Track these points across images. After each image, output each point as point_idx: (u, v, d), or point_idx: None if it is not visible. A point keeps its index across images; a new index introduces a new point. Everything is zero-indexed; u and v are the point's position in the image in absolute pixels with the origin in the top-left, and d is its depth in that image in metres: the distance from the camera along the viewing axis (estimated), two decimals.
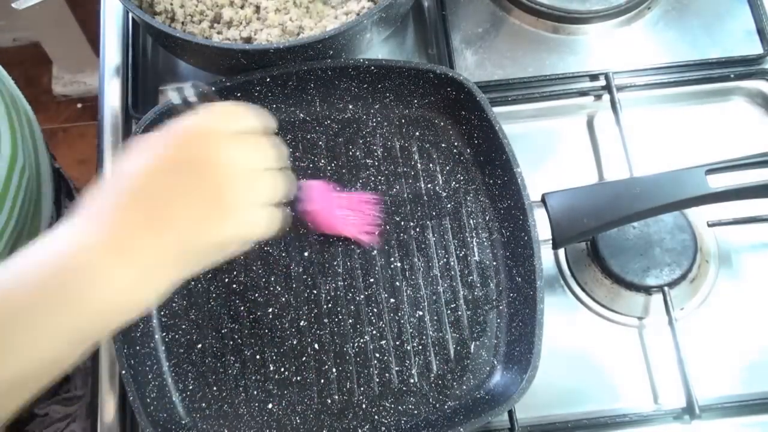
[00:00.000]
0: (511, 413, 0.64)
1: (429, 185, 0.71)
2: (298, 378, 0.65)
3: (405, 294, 0.67)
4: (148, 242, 0.43)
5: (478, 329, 0.66)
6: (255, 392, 0.65)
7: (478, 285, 0.68)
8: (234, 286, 0.68)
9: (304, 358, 0.66)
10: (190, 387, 0.65)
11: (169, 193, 0.44)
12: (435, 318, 0.67)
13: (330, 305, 0.67)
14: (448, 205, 0.71)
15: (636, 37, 0.82)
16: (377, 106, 0.74)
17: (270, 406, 0.64)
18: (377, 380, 0.65)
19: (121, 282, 0.41)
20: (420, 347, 0.66)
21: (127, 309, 0.43)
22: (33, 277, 0.40)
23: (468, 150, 0.72)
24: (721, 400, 0.65)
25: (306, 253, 0.69)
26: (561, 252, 0.72)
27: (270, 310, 0.67)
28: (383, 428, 0.63)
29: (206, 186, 0.45)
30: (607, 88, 0.77)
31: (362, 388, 0.65)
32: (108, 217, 0.43)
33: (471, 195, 0.71)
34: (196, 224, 0.44)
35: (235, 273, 0.68)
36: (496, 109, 0.70)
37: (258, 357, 0.66)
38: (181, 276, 0.45)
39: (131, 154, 0.46)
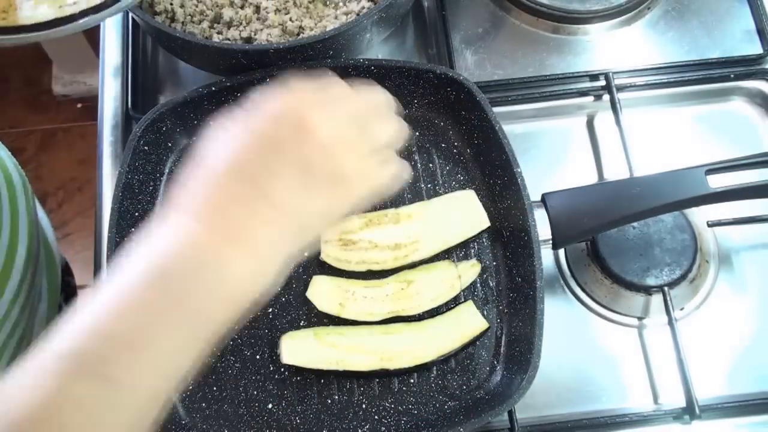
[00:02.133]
0: (511, 413, 0.64)
1: (429, 185, 0.71)
2: (298, 378, 0.65)
3: None
4: (249, 222, 0.41)
5: None
6: (255, 392, 0.65)
7: (478, 285, 0.68)
8: None
9: None
10: (190, 387, 0.65)
11: (269, 170, 0.41)
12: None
13: None
14: None
15: (636, 37, 0.82)
16: None
17: (270, 406, 0.64)
18: (377, 380, 0.65)
19: (238, 271, 0.40)
20: None
21: (248, 296, 0.41)
22: (143, 294, 0.38)
23: (468, 150, 0.72)
24: (721, 400, 0.65)
25: (306, 253, 0.69)
26: (561, 252, 0.72)
27: (270, 310, 0.67)
28: (383, 428, 0.63)
29: (306, 155, 0.42)
30: (607, 88, 0.77)
31: (362, 388, 0.65)
32: (201, 204, 0.41)
33: None
34: (295, 198, 0.42)
35: None
36: (496, 109, 0.70)
37: (258, 357, 0.66)
38: (298, 249, 0.43)
39: (214, 138, 0.43)
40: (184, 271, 0.39)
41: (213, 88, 0.70)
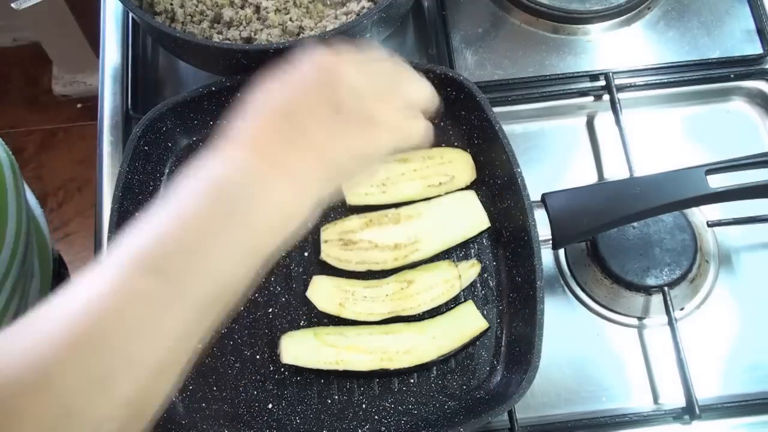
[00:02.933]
0: (511, 413, 0.64)
1: None
2: (298, 378, 0.65)
3: None
4: (292, 156, 0.45)
5: None
6: (255, 392, 0.65)
7: (478, 285, 0.68)
8: None
9: None
10: (190, 387, 0.65)
11: (308, 112, 0.46)
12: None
13: None
14: None
15: (636, 37, 0.82)
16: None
17: (270, 406, 0.64)
18: (377, 380, 0.65)
19: (281, 195, 0.44)
20: None
21: (289, 221, 0.45)
22: (199, 205, 0.42)
23: (468, 150, 0.72)
24: (721, 400, 0.65)
25: (306, 253, 0.69)
26: (561, 252, 0.72)
27: (270, 310, 0.67)
28: (383, 428, 0.63)
29: (335, 99, 0.46)
30: (607, 88, 0.77)
31: (362, 388, 0.65)
32: (251, 140, 0.45)
33: None
34: (331, 138, 0.46)
35: None
36: (496, 109, 0.70)
37: (258, 357, 0.66)
38: (327, 189, 0.47)
39: (259, 86, 0.47)
40: (238, 192, 0.43)
41: (213, 88, 0.70)
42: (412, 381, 0.65)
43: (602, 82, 0.77)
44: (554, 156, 0.77)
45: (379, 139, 0.49)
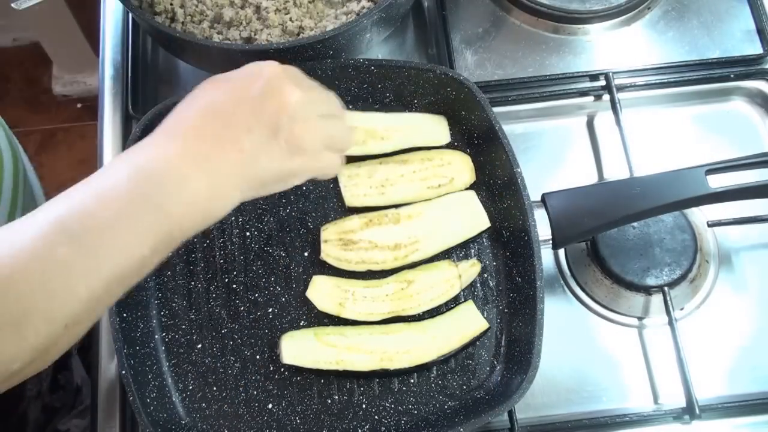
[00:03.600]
0: (511, 413, 0.64)
1: None
2: (298, 378, 0.65)
3: None
4: (217, 155, 0.47)
5: None
6: (255, 392, 0.65)
7: (478, 285, 0.68)
8: (234, 286, 0.68)
9: None
10: (190, 387, 0.65)
11: (246, 123, 0.48)
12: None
13: None
14: None
15: (636, 37, 0.82)
16: (377, 106, 0.74)
17: (270, 406, 0.64)
18: (377, 380, 0.65)
19: (195, 189, 0.46)
20: None
21: (201, 217, 0.47)
22: (120, 186, 0.44)
23: (468, 150, 0.72)
24: (721, 400, 0.65)
25: (306, 253, 0.69)
26: (561, 252, 0.72)
27: (270, 310, 0.67)
28: (383, 428, 0.63)
29: (273, 119, 0.49)
30: (607, 88, 0.77)
31: (362, 388, 0.65)
32: (182, 132, 0.48)
33: None
34: (260, 152, 0.49)
35: (235, 273, 0.68)
36: (496, 109, 0.70)
37: (258, 357, 0.66)
38: (246, 196, 0.49)
39: (207, 85, 0.51)
40: (156, 179, 0.45)
41: None
42: (412, 381, 0.65)
43: (602, 82, 0.77)
44: (554, 156, 0.77)
45: (301, 166, 0.51)
